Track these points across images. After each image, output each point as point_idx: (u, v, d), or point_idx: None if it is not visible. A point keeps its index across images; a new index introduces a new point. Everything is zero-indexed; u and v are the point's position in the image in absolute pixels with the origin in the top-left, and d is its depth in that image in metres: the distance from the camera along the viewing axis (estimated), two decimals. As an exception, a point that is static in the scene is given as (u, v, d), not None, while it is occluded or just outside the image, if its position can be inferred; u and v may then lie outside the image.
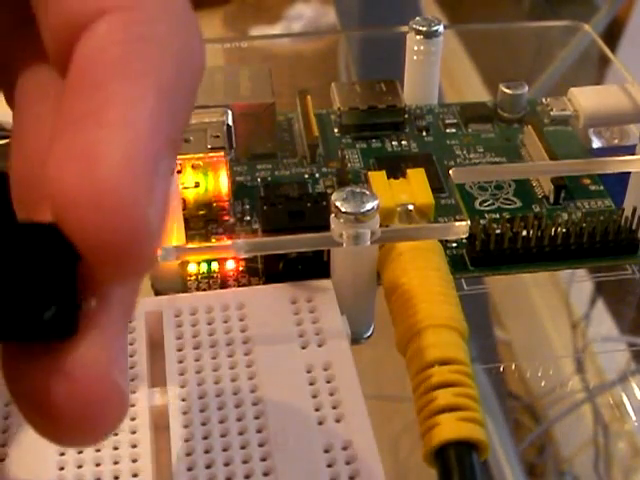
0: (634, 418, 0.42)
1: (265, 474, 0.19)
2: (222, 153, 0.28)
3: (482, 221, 0.29)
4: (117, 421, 0.13)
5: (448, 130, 0.34)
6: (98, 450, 0.20)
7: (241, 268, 0.27)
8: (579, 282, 0.38)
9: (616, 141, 0.33)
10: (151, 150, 0.12)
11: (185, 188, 0.28)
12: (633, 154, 0.29)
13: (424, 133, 0.33)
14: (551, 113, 0.33)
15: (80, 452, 0.20)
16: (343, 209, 0.23)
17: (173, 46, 0.13)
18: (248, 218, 0.29)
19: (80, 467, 0.20)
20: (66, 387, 0.12)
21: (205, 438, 0.20)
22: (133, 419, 0.21)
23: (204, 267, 0.27)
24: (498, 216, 0.29)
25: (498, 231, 0.27)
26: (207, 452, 0.20)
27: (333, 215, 0.23)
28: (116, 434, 0.20)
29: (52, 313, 0.12)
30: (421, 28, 0.33)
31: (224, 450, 0.20)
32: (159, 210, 0.12)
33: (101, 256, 0.12)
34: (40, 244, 0.12)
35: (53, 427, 0.13)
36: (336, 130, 0.33)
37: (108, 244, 0.12)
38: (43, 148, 0.13)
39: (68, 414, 0.12)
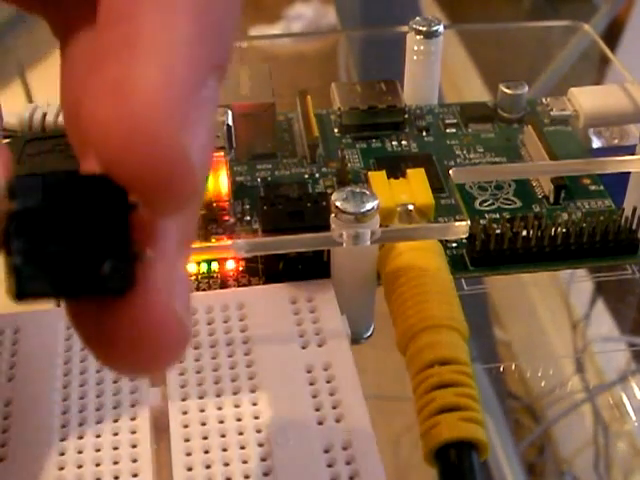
0: (634, 418, 0.42)
1: (265, 474, 0.19)
2: (222, 153, 0.28)
3: (482, 221, 0.29)
4: (181, 350, 0.13)
5: (448, 130, 0.34)
6: (98, 450, 0.20)
7: (241, 268, 0.27)
8: (579, 282, 0.38)
9: (616, 141, 0.33)
10: (188, 76, 0.11)
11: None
12: (633, 154, 0.29)
13: (424, 133, 0.33)
14: (551, 113, 0.33)
15: (80, 452, 0.20)
16: (343, 209, 0.23)
17: None
18: (248, 218, 0.29)
19: (80, 467, 0.20)
20: (132, 331, 0.12)
21: (205, 438, 0.20)
22: (133, 419, 0.21)
23: (204, 267, 0.27)
24: (498, 216, 0.29)
25: (498, 231, 0.27)
26: (207, 452, 0.20)
27: (333, 215, 0.23)
28: (116, 434, 0.20)
29: (109, 268, 0.12)
30: (421, 28, 0.33)
31: (224, 450, 0.20)
32: (200, 138, 0.12)
33: (144, 191, 0.11)
34: (92, 196, 0.12)
35: (122, 363, 0.13)
36: (336, 130, 0.33)
37: (147, 177, 0.11)
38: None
39: (134, 353, 0.12)
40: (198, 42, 0.12)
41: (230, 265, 0.27)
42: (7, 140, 0.29)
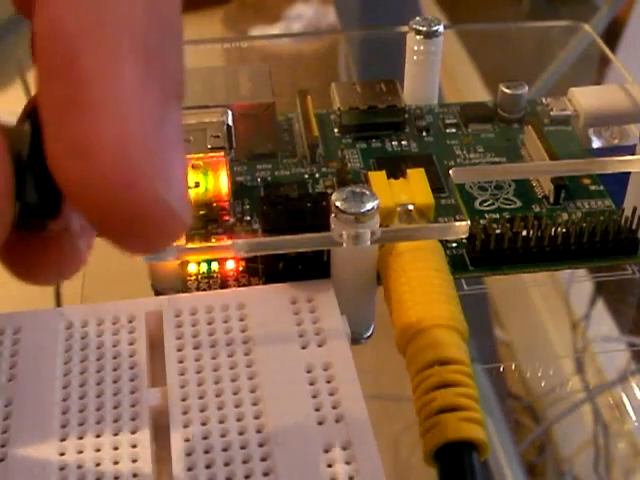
0: (634, 418, 0.42)
1: (265, 474, 0.19)
2: (222, 153, 0.28)
3: (482, 221, 0.29)
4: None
5: (448, 130, 0.34)
6: (98, 450, 0.20)
7: (241, 268, 0.27)
8: (579, 282, 0.38)
9: (616, 141, 0.33)
10: (147, 121, 0.11)
11: (185, 188, 0.28)
12: (633, 154, 0.29)
13: (424, 133, 0.33)
14: (551, 113, 0.33)
15: (80, 452, 0.20)
16: (343, 209, 0.23)
17: None
18: (248, 218, 0.29)
19: (80, 467, 0.20)
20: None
21: (205, 438, 0.20)
22: (133, 419, 0.21)
23: (204, 267, 0.27)
24: (498, 216, 0.29)
25: (498, 231, 0.27)
26: (207, 452, 0.20)
27: (333, 215, 0.23)
28: (116, 434, 0.20)
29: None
30: (421, 28, 0.33)
31: (224, 450, 0.20)
32: (175, 171, 0.12)
33: (131, 238, 0.12)
34: None
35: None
36: (336, 130, 0.33)
37: (132, 227, 0.11)
38: None
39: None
40: (147, 76, 0.11)
41: (230, 265, 0.27)
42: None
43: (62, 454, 0.20)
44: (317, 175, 0.31)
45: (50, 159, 0.12)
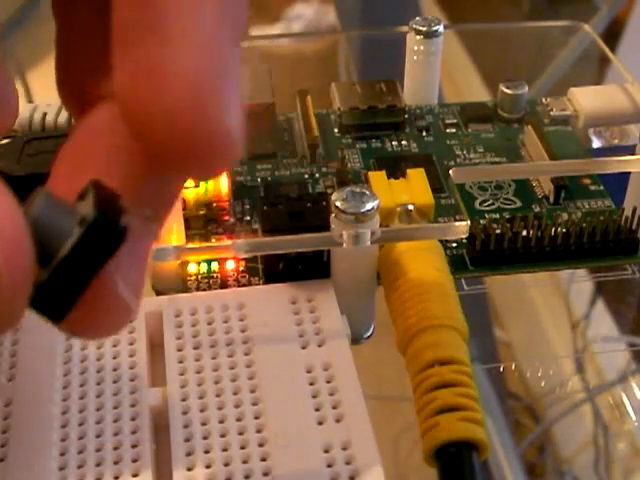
0: (634, 418, 0.42)
1: (265, 474, 0.19)
2: (222, 153, 0.28)
3: (482, 221, 0.29)
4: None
5: (448, 130, 0.34)
6: (98, 450, 0.20)
7: (241, 268, 0.27)
8: (579, 282, 0.38)
9: (616, 141, 0.33)
10: (220, 53, 0.12)
11: (185, 188, 0.28)
12: (633, 154, 0.29)
13: (424, 133, 0.33)
14: (551, 113, 0.33)
15: (80, 452, 0.20)
16: (343, 209, 0.23)
17: None
18: (248, 218, 0.29)
19: (80, 467, 0.20)
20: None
21: (205, 438, 0.20)
22: (133, 419, 0.21)
23: (204, 267, 0.27)
24: (498, 216, 0.29)
25: (498, 231, 0.27)
26: (207, 452, 0.20)
27: (333, 215, 0.23)
28: (116, 434, 0.20)
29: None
30: (421, 28, 0.33)
31: (224, 450, 0.20)
32: (237, 105, 0.12)
33: (189, 168, 0.12)
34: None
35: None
36: (336, 130, 0.33)
37: (194, 157, 0.12)
38: (92, 56, 0.14)
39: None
40: (223, 15, 0.12)
41: (230, 265, 0.27)
42: (7, 140, 0.29)
43: (62, 454, 0.20)
44: (317, 175, 0.31)
45: (119, 80, 0.12)
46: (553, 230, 0.27)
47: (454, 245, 0.28)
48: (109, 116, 0.13)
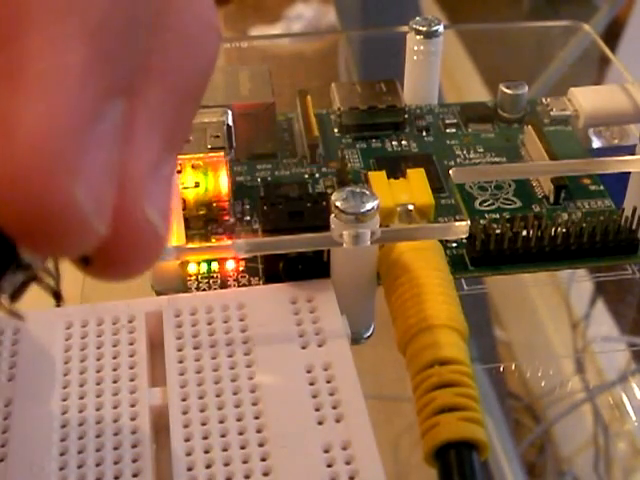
0: (634, 418, 0.42)
1: (265, 474, 0.19)
2: (222, 153, 0.28)
3: (482, 221, 0.29)
4: (154, 254, 0.12)
5: (448, 130, 0.34)
6: (98, 450, 0.20)
7: (241, 268, 0.27)
8: (579, 282, 0.38)
9: (616, 141, 0.33)
10: (80, 111, 0.10)
11: (185, 188, 0.28)
12: (633, 154, 0.29)
13: (424, 133, 0.33)
14: (551, 113, 0.33)
15: (80, 452, 0.20)
16: (343, 209, 0.23)
17: None
18: (248, 218, 0.29)
19: (80, 467, 0.20)
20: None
21: (205, 438, 0.20)
22: (133, 419, 0.21)
23: (204, 267, 0.27)
24: (498, 216, 0.29)
25: (498, 231, 0.27)
26: (207, 452, 0.20)
27: (333, 215, 0.23)
28: (116, 434, 0.20)
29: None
30: (421, 28, 0.33)
31: (224, 450, 0.20)
32: (97, 176, 0.10)
33: (31, 240, 0.10)
34: None
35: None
36: (336, 130, 0.33)
37: (35, 229, 0.10)
38: None
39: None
40: (90, 69, 0.10)
41: (230, 265, 0.27)
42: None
43: (62, 454, 0.20)
44: (317, 175, 0.31)
45: None
46: (553, 230, 0.27)
47: (454, 245, 0.28)
48: None
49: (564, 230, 0.27)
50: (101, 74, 0.10)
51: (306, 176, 0.31)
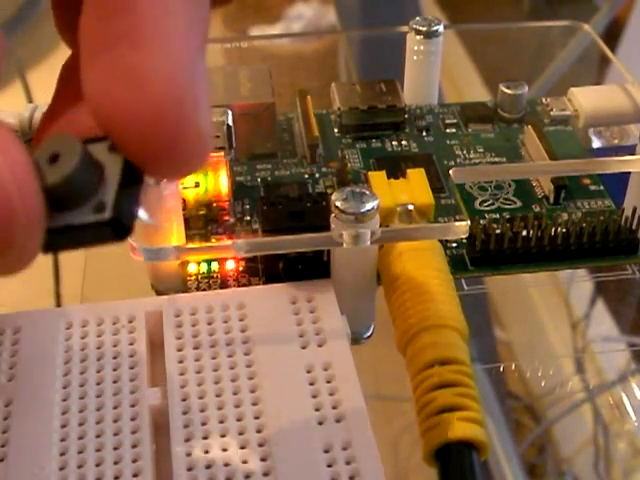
0: (634, 418, 0.42)
1: (265, 474, 0.19)
2: (222, 153, 0.28)
3: (482, 221, 0.29)
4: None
5: (448, 130, 0.34)
6: (98, 450, 0.20)
7: (241, 268, 0.27)
8: (579, 282, 0.38)
9: (616, 141, 0.33)
10: (190, 57, 0.13)
11: (185, 188, 0.28)
12: (633, 154, 0.29)
13: (424, 133, 0.34)
14: (551, 113, 0.33)
15: (80, 452, 0.20)
16: (343, 209, 0.23)
17: None
18: (248, 218, 0.29)
19: (80, 467, 0.20)
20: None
21: (205, 438, 0.20)
22: (133, 419, 0.21)
23: (204, 267, 0.27)
24: (498, 216, 0.29)
25: (498, 231, 0.27)
26: (207, 452, 0.20)
27: (333, 215, 0.23)
28: (116, 434, 0.20)
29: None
30: (421, 28, 0.33)
31: (224, 450, 0.20)
32: (206, 108, 0.13)
33: (166, 166, 0.13)
34: None
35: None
36: (336, 130, 0.33)
37: (169, 154, 0.12)
38: None
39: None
40: (191, 24, 0.13)
41: (230, 265, 0.27)
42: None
43: (62, 454, 0.20)
44: (317, 175, 0.31)
45: (91, 86, 0.12)
46: (553, 230, 0.27)
47: (454, 245, 0.28)
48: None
49: (564, 230, 0.27)
50: (197, 26, 0.13)
51: (306, 176, 0.31)
